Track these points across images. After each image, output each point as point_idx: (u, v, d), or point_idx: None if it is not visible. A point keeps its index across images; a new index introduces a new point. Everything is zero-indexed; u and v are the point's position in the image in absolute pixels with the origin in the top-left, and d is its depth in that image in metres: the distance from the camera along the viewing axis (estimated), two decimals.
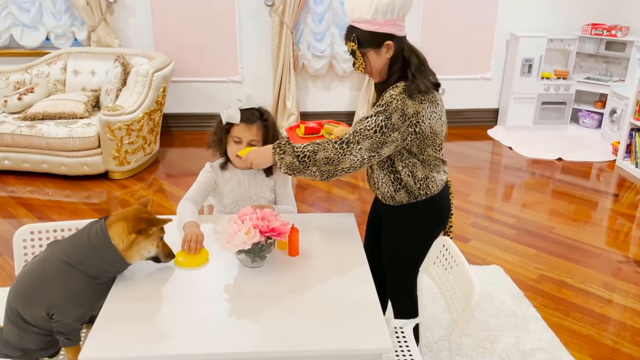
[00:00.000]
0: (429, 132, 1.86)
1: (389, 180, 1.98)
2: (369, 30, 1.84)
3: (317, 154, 1.85)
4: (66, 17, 5.07)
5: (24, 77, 4.81)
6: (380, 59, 1.89)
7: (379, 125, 1.80)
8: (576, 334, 2.71)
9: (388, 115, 1.80)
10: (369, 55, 1.89)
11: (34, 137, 4.24)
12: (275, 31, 5.14)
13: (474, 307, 1.67)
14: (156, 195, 4.15)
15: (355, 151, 1.82)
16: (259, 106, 2.25)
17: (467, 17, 5.39)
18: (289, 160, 1.88)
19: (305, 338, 1.56)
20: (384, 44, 1.85)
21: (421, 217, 2.02)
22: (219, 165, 2.33)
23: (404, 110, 1.80)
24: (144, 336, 1.55)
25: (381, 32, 1.84)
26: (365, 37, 1.85)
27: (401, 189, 1.97)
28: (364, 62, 1.90)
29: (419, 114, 1.81)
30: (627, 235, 3.68)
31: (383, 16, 1.81)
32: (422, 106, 1.82)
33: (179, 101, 5.43)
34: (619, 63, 5.45)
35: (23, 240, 2.01)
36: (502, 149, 5.22)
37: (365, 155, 1.83)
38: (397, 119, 1.80)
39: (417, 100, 1.82)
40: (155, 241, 1.80)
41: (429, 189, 1.97)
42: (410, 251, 2.05)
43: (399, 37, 1.87)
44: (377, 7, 1.79)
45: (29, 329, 1.75)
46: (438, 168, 1.98)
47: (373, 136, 1.81)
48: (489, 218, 3.87)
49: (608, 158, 4.96)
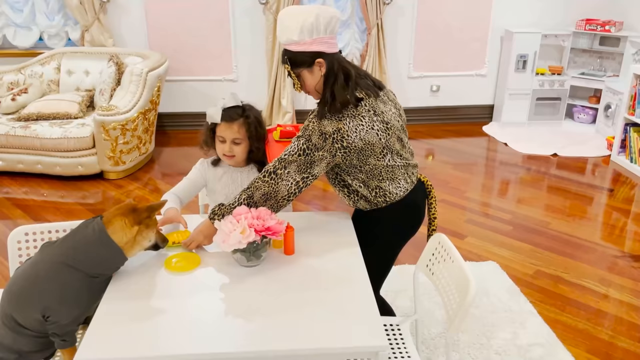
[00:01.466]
0: (361, 145, 1.88)
1: (344, 195, 2.05)
2: (299, 50, 1.89)
3: (253, 197, 1.90)
4: (59, 17, 5.05)
5: (18, 78, 4.79)
6: (313, 77, 1.93)
7: (301, 148, 1.86)
8: (572, 329, 2.72)
9: (307, 138, 1.85)
10: (303, 74, 1.93)
11: (28, 138, 4.22)
12: (269, 29, 5.13)
13: (469, 304, 1.67)
14: (152, 194, 4.14)
15: (285, 176, 1.87)
16: (244, 103, 2.25)
17: (461, 14, 5.39)
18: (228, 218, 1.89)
19: (301, 336, 1.56)
20: (315, 62, 1.89)
21: (389, 219, 2.05)
22: (210, 161, 2.33)
23: (321, 130, 1.84)
24: (140, 337, 1.55)
25: (310, 50, 1.88)
26: (296, 57, 1.90)
27: (359, 200, 2.02)
28: (300, 82, 1.96)
29: (341, 130, 1.84)
30: (623, 230, 3.69)
31: (309, 35, 1.86)
32: (341, 123, 1.85)
33: (173, 100, 5.42)
34: (613, 58, 5.46)
35: (17, 242, 2.00)
36: (498, 145, 5.23)
37: (297, 177, 1.87)
38: (317, 139, 1.84)
39: (333, 119, 1.85)
40: (155, 228, 1.85)
41: (386, 197, 2.00)
42: (379, 253, 2.09)
43: (329, 54, 1.90)
44: (302, 28, 1.84)
45: (23, 332, 1.74)
46: (392, 176, 1.98)
47: (297, 159, 1.86)
48: (484, 214, 3.87)
49: (603, 153, 4.97)
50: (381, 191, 1.98)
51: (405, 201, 2.02)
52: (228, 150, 2.21)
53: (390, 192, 1.99)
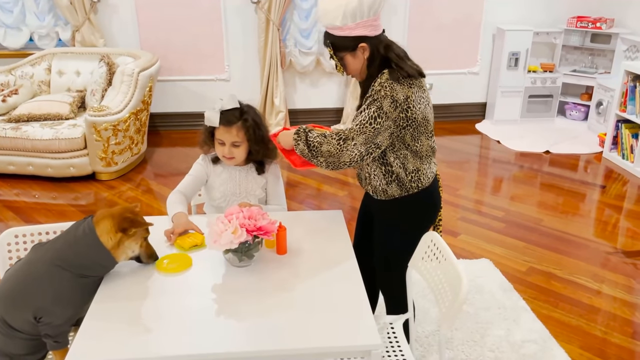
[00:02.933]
0: (420, 118, 1.88)
1: (380, 173, 1.99)
2: (341, 35, 1.86)
3: (322, 145, 1.90)
4: (50, 17, 5.02)
5: (8, 79, 4.75)
6: (357, 61, 1.91)
7: (372, 116, 1.83)
8: (565, 325, 2.73)
9: (379, 105, 1.82)
10: (346, 58, 1.91)
11: (19, 139, 4.19)
12: (261, 28, 5.12)
13: (462, 301, 1.67)
14: (144, 195, 4.12)
15: (351, 147, 1.86)
16: (244, 104, 2.24)
17: (453, 12, 5.40)
18: (302, 147, 1.95)
19: (294, 336, 1.56)
20: (358, 47, 1.87)
21: (413, 210, 2.03)
22: (211, 158, 2.33)
23: (393, 96, 1.82)
24: (132, 337, 1.54)
25: (353, 35, 1.85)
26: (338, 42, 1.88)
27: (392, 182, 1.98)
28: (343, 66, 1.94)
29: (409, 99, 1.83)
30: (615, 226, 3.71)
31: (352, 20, 1.82)
32: (411, 90, 1.84)
33: (165, 100, 5.39)
34: (605, 55, 5.49)
35: (7, 244, 1.99)
36: (490, 143, 5.24)
37: (362, 149, 1.86)
38: (389, 106, 1.82)
39: (405, 84, 1.83)
40: (139, 241, 1.80)
41: (420, 182, 1.98)
42: (402, 245, 2.05)
43: (373, 37, 1.87)
44: (345, 13, 1.80)
45: (14, 335, 1.73)
46: (429, 159, 2.00)
47: (368, 130, 1.83)
48: (477, 212, 3.88)
49: (595, 150, 4.99)
50: (416, 175, 1.97)
51: (429, 190, 2.02)
52: (228, 152, 2.20)
53: (424, 176, 1.98)
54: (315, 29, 5.28)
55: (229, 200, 2.32)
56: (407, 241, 2.04)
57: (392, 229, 2.07)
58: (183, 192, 2.24)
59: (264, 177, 2.33)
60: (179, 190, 2.25)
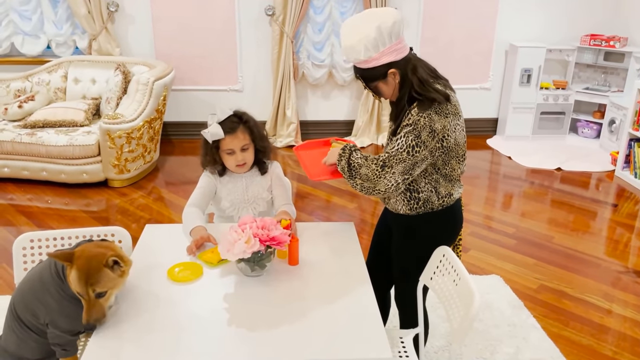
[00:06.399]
0: (453, 144, 1.88)
1: (404, 199, 1.97)
2: (369, 67, 1.86)
3: (361, 168, 1.89)
4: (67, 26, 5.09)
5: (25, 85, 4.82)
6: (389, 87, 1.91)
7: (410, 145, 1.81)
8: (576, 344, 2.70)
9: (417, 134, 1.81)
10: (379, 86, 1.91)
11: (33, 145, 4.24)
12: (275, 40, 5.16)
13: (473, 317, 1.67)
14: (155, 203, 4.14)
15: (389, 175, 1.84)
16: (234, 110, 2.26)
17: (466, 27, 5.42)
18: (344, 164, 1.94)
19: (305, 347, 1.56)
20: (388, 74, 1.86)
21: (434, 228, 2.02)
22: (216, 171, 2.34)
23: (431, 126, 1.80)
24: (142, 347, 1.55)
25: (380, 64, 1.85)
26: (368, 74, 1.88)
27: (417, 208, 1.97)
28: (377, 94, 1.95)
29: (445, 128, 1.82)
30: (627, 245, 3.68)
31: (375, 51, 1.82)
32: (447, 120, 1.83)
33: (179, 109, 5.44)
34: (618, 73, 5.48)
35: (22, 249, 2.01)
36: (501, 159, 5.23)
37: (399, 179, 1.85)
38: (427, 136, 1.81)
39: (442, 114, 1.82)
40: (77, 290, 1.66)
41: (448, 205, 1.98)
42: (420, 262, 2.04)
43: (400, 61, 1.86)
44: (366, 46, 1.81)
45: (27, 336, 1.74)
46: (458, 183, 2.00)
47: (406, 158, 1.82)
48: (488, 227, 3.87)
49: (607, 168, 4.97)
50: (449, 199, 1.96)
51: (454, 208, 2.01)
52: (241, 159, 2.22)
53: (453, 199, 1.97)
54: (328, 42, 5.32)
55: (239, 208, 2.33)
56: (424, 256, 2.03)
57: (412, 244, 2.06)
58: (196, 205, 2.24)
59: (267, 178, 2.35)
60: (192, 203, 2.24)
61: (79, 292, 1.61)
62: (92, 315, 1.60)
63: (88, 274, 1.59)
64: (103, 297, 1.62)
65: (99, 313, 1.61)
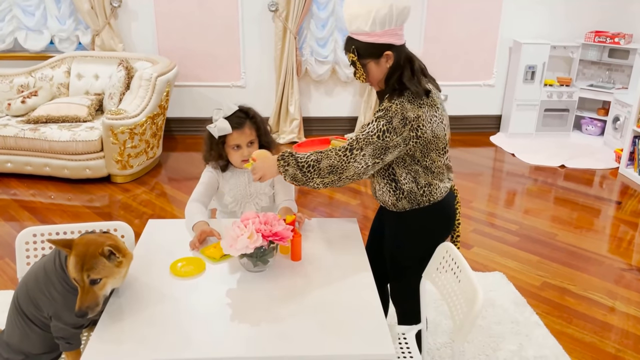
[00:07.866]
0: (430, 136, 1.86)
1: (389, 190, 1.97)
2: (368, 41, 1.83)
3: (320, 162, 1.84)
4: (70, 21, 5.09)
5: (28, 81, 4.83)
6: (380, 69, 1.88)
7: (380, 130, 1.80)
8: (579, 342, 2.69)
9: (389, 120, 1.79)
10: (369, 66, 1.88)
11: (36, 140, 4.25)
12: (278, 36, 5.15)
13: (477, 314, 1.66)
14: (158, 199, 4.14)
15: (359, 157, 1.81)
16: (239, 106, 2.26)
17: (470, 24, 5.40)
18: (292, 171, 1.88)
19: (307, 343, 1.56)
20: (383, 55, 1.85)
21: (424, 223, 2.01)
22: (219, 166, 2.34)
23: (403, 114, 1.79)
24: (145, 341, 1.55)
25: (380, 42, 1.83)
26: (364, 48, 1.85)
27: (403, 198, 1.96)
28: (365, 73, 1.90)
29: (420, 118, 1.81)
30: (630, 242, 3.67)
31: (381, 27, 1.80)
32: (421, 110, 1.81)
33: (181, 105, 5.44)
34: (622, 70, 5.45)
35: (25, 243, 2.01)
36: (505, 156, 5.22)
37: (369, 161, 1.82)
38: (398, 123, 1.79)
39: (415, 104, 1.81)
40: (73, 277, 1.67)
41: (432, 195, 1.96)
42: (413, 257, 2.04)
43: (397, 46, 1.86)
44: (374, 19, 1.78)
45: (31, 330, 1.74)
46: (442, 175, 1.97)
47: (376, 141, 1.80)
48: (491, 224, 3.86)
49: (611, 165, 4.95)
50: (429, 189, 1.94)
51: (443, 203, 1.99)
52: (247, 154, 2.22)
53: (437, 190, 1.95)
54: (331, 38, 5.30)
55: (242, 203, 2.33)
56: (419, 254, 2.03)
57: (403, 240, 2.06)
58: (199, 200, 2.24)
59: None
60: (195, 199, 2.24)
61: (75, 277, 1.62)
62: (85, 302, 1.59)
63: (84, 260, 1.60)
64: (97, 284, 1.61)
65: (92, 300, 1.60)
